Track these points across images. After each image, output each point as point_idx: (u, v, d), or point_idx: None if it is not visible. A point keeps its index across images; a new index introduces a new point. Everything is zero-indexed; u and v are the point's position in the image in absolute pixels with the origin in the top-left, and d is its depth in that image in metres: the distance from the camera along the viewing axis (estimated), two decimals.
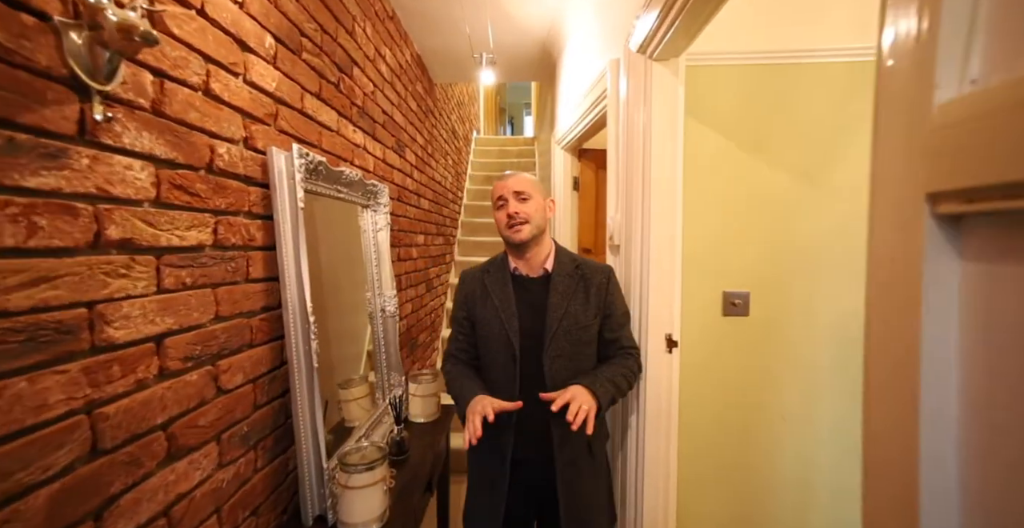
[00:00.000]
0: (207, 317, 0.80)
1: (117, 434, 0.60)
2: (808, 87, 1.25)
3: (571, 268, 1.10)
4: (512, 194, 1.05)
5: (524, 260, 1.10)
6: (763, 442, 1.34)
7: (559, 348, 1.04)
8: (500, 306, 1.07)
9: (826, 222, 1.29)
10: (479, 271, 1.16)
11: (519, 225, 1.04)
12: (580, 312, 1.06)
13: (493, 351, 1.08)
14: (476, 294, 1.13)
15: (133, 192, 0.63)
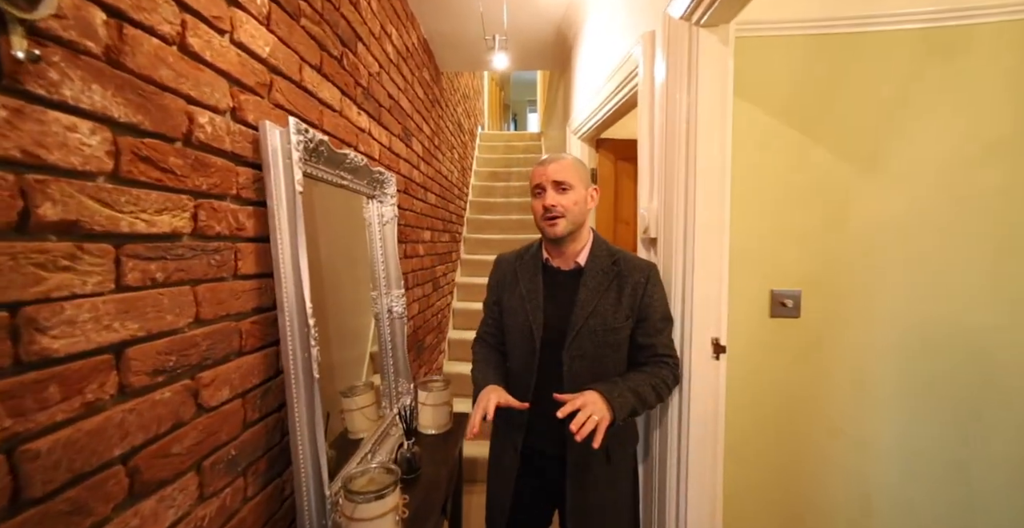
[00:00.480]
0: (184, 320, 0.66)
1: (53, 476, 0.46)
2: (870, 59, 1.11)
3: (607, 264, 1.01)
4: (551, 184, 0.97)
5: (558, 252, 1.05)
6: (815, 455, 1.19)
7: (581, 348, 0.97)
8: (527, 296, 1.03)
9: (890, 213, 1.15)
10: (513, 256, 1.12)
11: (555, 219, 0.96)
12: (610, 312, 0.98)
13: (515, 341, 1.05)
14: (507, 280, 1.09)
15: (79, 161, 0.49)
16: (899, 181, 1.14)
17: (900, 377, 1.16)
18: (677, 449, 1.10)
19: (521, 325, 1.02)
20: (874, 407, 1.18)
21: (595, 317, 0.97)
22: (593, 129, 2.05)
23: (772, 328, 1.20)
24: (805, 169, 1.17)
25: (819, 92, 1.14)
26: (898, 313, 1.15)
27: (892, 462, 1.18)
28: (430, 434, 1.46)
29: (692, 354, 1.07)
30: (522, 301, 1.03)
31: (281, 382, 0.90)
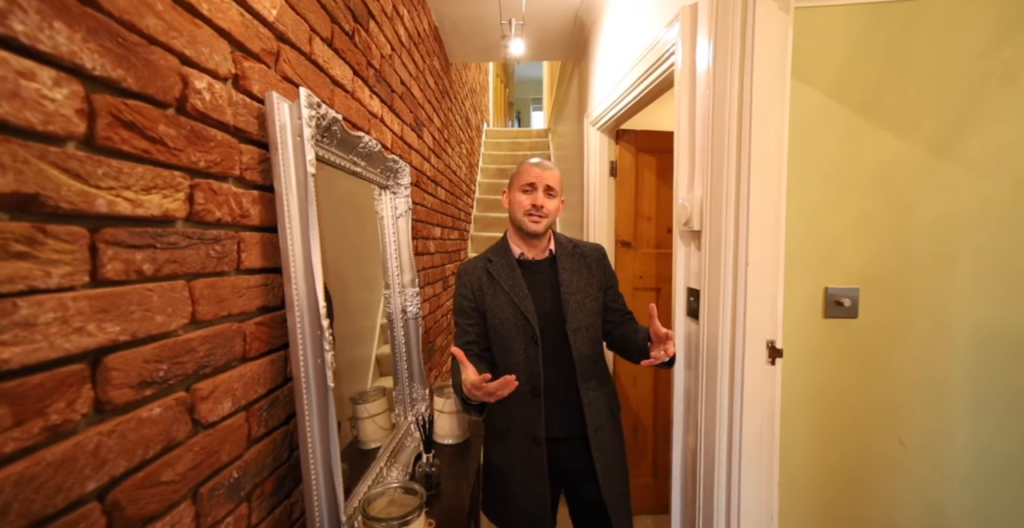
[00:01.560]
0: (178, 321, 0.55)
1: (1, 526, 0.35)
2: (943, 28, 1.00)
3: (570, 249, 1.16)
4: (544, 187, 1.08)
5: (531, 245, 1.14)
6: (877, 472, 1.08)
7: (578, 320, 1.09)
8: (511, 291, 1.09)
9: (962, 203, 1.04)
10: (480, 261, 1.16)
11: (540, 218, 1.08)
12: (587, 285, 1.13)
13: (511, 336, 1.08)
14: (483, 284, 1.12)
15: (39, 119, 0.38)
16: (975, 168, 1.03)
17: (978, 387, 1.05)
18: (727, 465, 0.99)
19: (512, 318, 1.08)
20: (949, 422, 1.07)
21: (579, 292, 1.10)
22: (614, 119, 1.94)
23: (827, 330, 1.09)
24: (863, 154, 1.06)
25: (880, 67, 1.03)
26: (973, 315, 1.04)
27: (969, 484, 1.06)
28: (447, 444, 1.36)
29: (744, 359, 0.96)
30: (508, 296, 1.09)
31: (289, 391, 0.80)
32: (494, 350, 1.12)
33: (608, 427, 1.12)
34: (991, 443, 1.03)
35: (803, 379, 1.09)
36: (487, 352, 1.13)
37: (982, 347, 1.04)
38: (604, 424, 1.11)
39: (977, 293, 1.04)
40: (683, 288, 1.19)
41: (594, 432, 1.08)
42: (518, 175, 1.11)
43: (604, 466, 1.08)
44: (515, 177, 1.12)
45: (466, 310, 1.13)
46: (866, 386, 1.09)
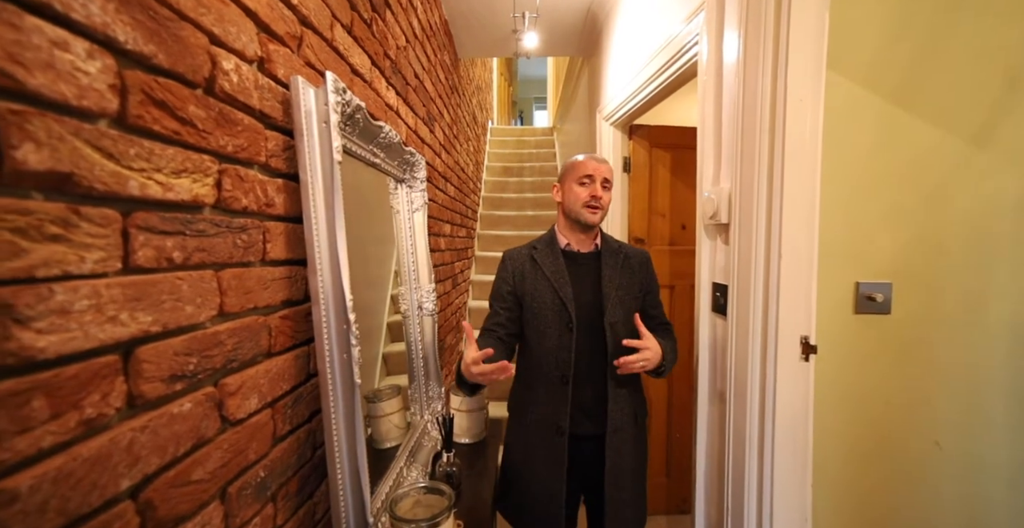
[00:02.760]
0: (207, 313, 0.53)
1: (38, 524, 0.33)
2: (984, 8, 0.97)
3: (615, 248, 1.17)
4: (602, 179, 1.10)
5: (580, 237, 1.14)
6: (911, 473, 1.06)
7: (615, 315, 1.09)
8: (552, 276, 1.10)
9: (1001, 195, 1.01)
10: (526, 248, 1.18)
11: (598, 209, 1.09)
12: (629, 284, 1.13)
13: (546, 321, 1.09)
14: (525, 268, 1.14)
15: (73, 93, 0.36)
16: (1012, 157, 1.00)
17: (1012, 391, 1.02)
18: (759, 466, 0.96)
19: (551, 303, 1.09)
20: (989, 421, 1.04)
21: (621, 289, 1.11)
22: (628, 114, 1.92)
23: (857, 326, 1.06)
24: (898, 143, 1.03)
25: (914, 53, 1.00)
26: (1012, 311, 1.01)
27: (1012, 486, 1.03)
28: (464, 443, 1.33)
29: (778, 355, 0.94)
30: (548, 282, 1.10)
31: (314, 388, 0.77)
32: (529, 334, 1.12)
33: (629, 431, 1.11)
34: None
35: (832, 378, 1.06)
36: (511, 337, 1.13)
37: (1018, 344, 1.01)
38: (626, 426, 1.10)
39: (1016, 287, 1.01)
40: (708, 284, 1.17)
41: (613, 432, 1.08)
42: (574, 168, 1.11)
43: (613, 467, 1.07)
44: (570, 170, 1.12)
45: (503, 294, 1.14)
46: (899, 386, 1.06)
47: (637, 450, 1.13)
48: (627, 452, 1.10)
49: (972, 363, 1.03)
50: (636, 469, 1.12)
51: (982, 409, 1.03)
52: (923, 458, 1.05)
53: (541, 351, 1.09)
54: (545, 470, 1.07)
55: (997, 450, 1.02)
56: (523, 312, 1.13)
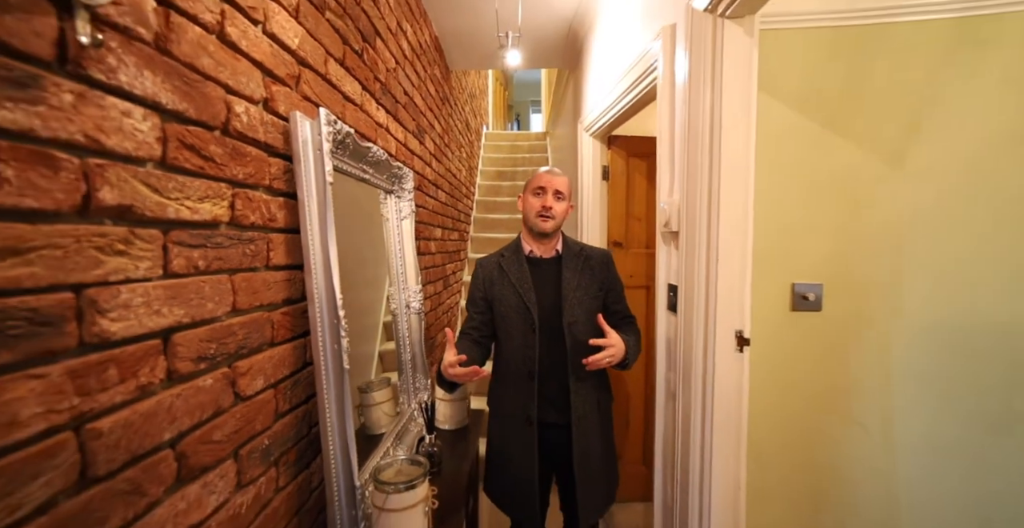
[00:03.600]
0: (223, 309, 0.66)
1: (114, 455, 0.46)
2: (895, 50, 1.11)
3: (577, 251, 1.28)
4: (553, 191, 1.22)
5: (540, 244, 1.27)
6: (840, 453, 1.19)
7: (574, 315, 1.20)
8: (517, 283, 1.22)
9: (914, 207, 1.15)
10: (495, 256, 1.31)
11: (548, 219, 1.21)
12: (588, 285, 1.24)
13: (513, 323, 1.21)
14: (494, 275, 1.27)
15: (133, 147, 0.49)
16: (926, 175, 1.14)
17: (926, 372, 1.16)
18: (700, 442, 1.10)
19: (516, 306, 1.21)
20: (900, 403, 1.18)
21: (580, 289, 1.22)
22: (606, 126, 2.05)
23: (793, 322, 1.20)
24: (827, 162, 1.17)
25: (841, 84, 1.14)
26: (924, 308, 1.15)
27: (919, 459, 1.17)
28: (448, 430, 1.47)
29: (716, 347, 1.07)
30: (513, 287, 1.22)
31: (309, 374, 0.91)
32: (499, 335, 1.25)
33: (593, 418, 1.23)
34: (938, 422, 1.14)
35: (771, 367, 1.20)
36: (485, 339, 1.26)
37: (930, 336, 1.15)
38: (589, 414, 1.22)
39: (928, 287, 1.15)
40: (664, 284, 1.30)
41: (578, 421, 1.19)
42: (531, 181, 1.25)
43: (582, 451, 1.19)
44: (528, 183, 1.26)
45: (476, 299, 1.27)
46: (830, 374, 1.20)
47: (603, 434, 1.25)
48: (593, 437, 1.22)
49: (890, 354, 1.17)
50: (603, 452, 1.24)
51: (899, 394, 1.17)
52: (849, 438, 1.19)
53: (510, 350, 1.22)
54: (519, 456, 1.20)
55: (910, 430, 1.16)
56: (494, 316, 1.25)
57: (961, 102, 1.09)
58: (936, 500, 1.16)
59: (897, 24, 1.07)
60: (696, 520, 1.12)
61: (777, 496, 1.20)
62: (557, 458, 1.25)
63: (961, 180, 1.11)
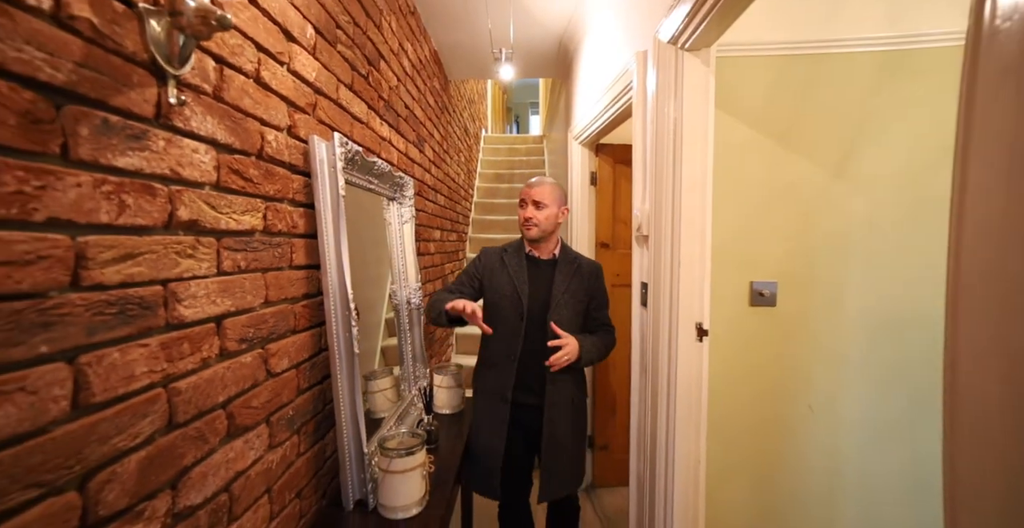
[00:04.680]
0: (258, 301, 0.81)
1: (188, 409, 0.61)
2: (835, 77, 1.26)
3: (571, 258, 1.44)
4: (531, 201, 1.37)
5: (536, 247, 1.42)
6: (791, 432, 1.34)
7: (560, 313, 1.35)
8: (514, 275, 1.38)
9: (853, 214, 1.30)
10: (499, 250, 1.46)
11: (530, 226, 1.37)
12: (577, 290, 1.39)
13: (503, 310, 1.36)
14: (495, 265, 1.42)
15: (199, 175, 0.65)
16: (864, 185, 1.29)
17: (866, 359, 1.31)
18: (666, 422, 1.25)
19: (510, 295, 1.36)
20: (845, 386, 1.33)
21: (568, 293, 1.37)
22: (593, 135, 2.20)
23: (752, 316, 1.35)
24: (780, 174, 1.32)
25: (790, 105, 1.29)
26: (863, 303, 1.30)
27: (859, 434, 1.32)
28: (445, 414, 1.62)
29: (679, 337, 1.22)
30: (511, 278, 1.37)
31: (325, 358, 1.06)
32: (489, 323, 1.38)
33: (565, 408, 1.37)
34: (874, 403, 1.29)
35: (731, 356, 1.35)
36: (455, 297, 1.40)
37: (869, 327, 1.30)
38: (561, 404, 1.37)
39: (866, 284, 1.30)
40: (638, 282, 1.45)
41: (550, 407, 1.35)
42: (519, 195, 1.42)
43: (550, 434, 1.34)
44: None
45: (471, 276, 1.45)
46: (783, 361, 1.35)
47: (574, 426, 1.41)
48: (563, 425, 1.37)
49: (835, 344, 1.32)
50: (572, 442, 1.40)
51: (843, 378, 1.32)
52: (799, 418, 1.34)
53: (497, 335, 1.36)
54: (489, 429, 1.36)
55: (850, 410, 1.31)
56: (485, 303, 1.40)
57: (892, 123, 1.24)
58: (875, 467, 1.31)
59: (833, 55, 1.22)
60: (662, 492, 1.27)
61: (738, 470, 1.35)
62: (532, 437, 1.41)
63: (893, 189, 1.26)
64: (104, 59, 0.47)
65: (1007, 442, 0.34)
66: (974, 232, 0.37)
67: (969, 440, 0.37)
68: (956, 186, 0.38)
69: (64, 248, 0.43)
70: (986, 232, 0.36)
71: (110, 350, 0.48)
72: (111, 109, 0.49)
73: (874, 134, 1.26)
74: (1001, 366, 0.35)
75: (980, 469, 0.36)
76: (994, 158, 0.36)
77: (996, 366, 0.36)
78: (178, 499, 0.58)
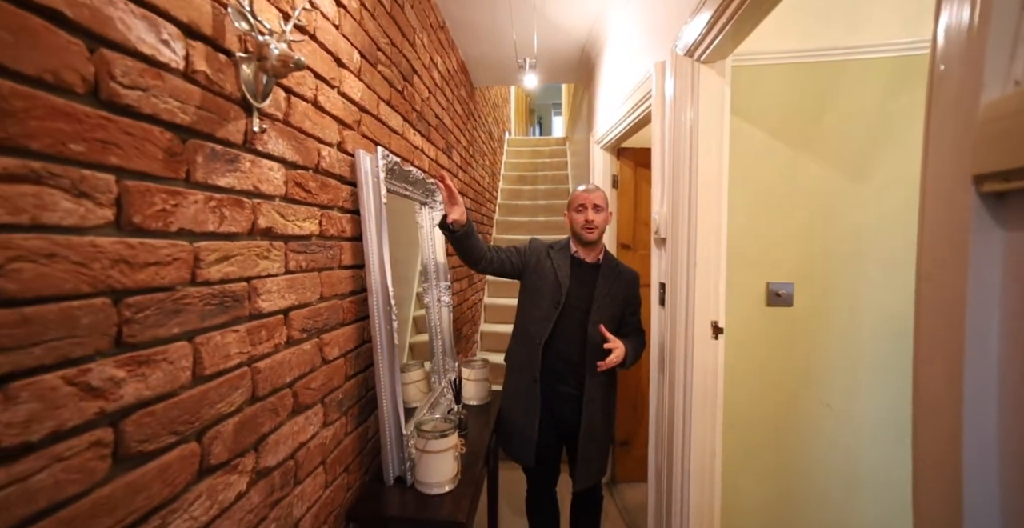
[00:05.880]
0: (315, 297, 0.93)
1: (265, 386, 0.73)
2: (852, 83, 1.29)
3: (613, 265, 1.53)
4: (592, 206, 1.46)
5: (585, 250, 1.50)
6: (809, 430, 1.38)
7: (600, 315, 1.43)
8: (558, 267, 1.48)
9: (872, 217, 1.32)
10: (546, 245, 1.57)
11: (592, 229, 1.45)
12: (617, 293, 1.48)
13: (542, 295, 1.46)
14: (541, 255, 1.52)
15: (272, 189, 0.76)
16: (882, 190, 1.32)
17: (883, 360, 1.34)
18: (682, 417, 1.31)
19: (551, 284, 1.46)
20: (862, 386, 1.36)
21: (609, 296, 1.45)
22: (614, 140, 2.27)
23: (768, 315, 1.39)
24: (797, 178, 1.36)
25: (807, 112, 1.33)
26: (880, 304, 1.33)
27: (878, 436, 1.35)
28: (473, 404, 1.72)
29: (695, 335, 1.28)
30: (553, 269, 1.47)
31: (368, 349, 1.18)
32: (525, 306, 1.51)
33: (599, 402, 1.46)
34: (894, 408, 1.32)
35: (748, 354, 1.40)
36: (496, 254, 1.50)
37: (886, 328, 1.32)
38: (598, 397, 1.46)
39: (883, 287, 1.33)
40: (657, 282, 1.52)
41: (589, 400, 1.44)
42: (572, 200, 1.50)
43: (588, 425, 1.43)
44: (571, 201, 1.51)
45: (517, 249, 1.54)
46: (799, 360, 1.39)
47: (606, 417, 1.49)
48: (598, 417, 1.46)
49: (852, 346, 1.35)
50: (603, 436, 1.49)
51: (859, 382, 1.35)
52: (816, 416, 1.38)
53: (531, 319, 1.47)
54: (523, 408, 1.47)
55: (867, 414, 1.34)
56: (524, 286, 1.50)
57: (911, 128, 1.26)
58: (898, 473, 1.33)
59: (850, 62, 1.25)
60: (679, 485, 1.33)
61: (755, 468, 1.39)
62: (564, 428, 1.50)
63: (911, 195, 1.28)
64: (213, 101, 0.59)
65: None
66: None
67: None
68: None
69: (187, 252, 0.55)
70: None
71: (214, 333, 0.60)
72: (216, 139, 0.60)
73: (891, 139, 1.28)
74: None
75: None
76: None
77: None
78: (260, 459, 0.70)
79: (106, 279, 0.43)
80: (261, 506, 0.70)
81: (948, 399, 0.46)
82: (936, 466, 0.47)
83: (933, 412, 0.50)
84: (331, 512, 0.97)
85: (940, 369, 0.47)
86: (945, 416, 0.47)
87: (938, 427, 0.48)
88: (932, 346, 0.49)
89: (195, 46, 0.55)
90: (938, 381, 0.48)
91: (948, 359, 0.46)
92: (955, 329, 0.45)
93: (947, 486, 0.45)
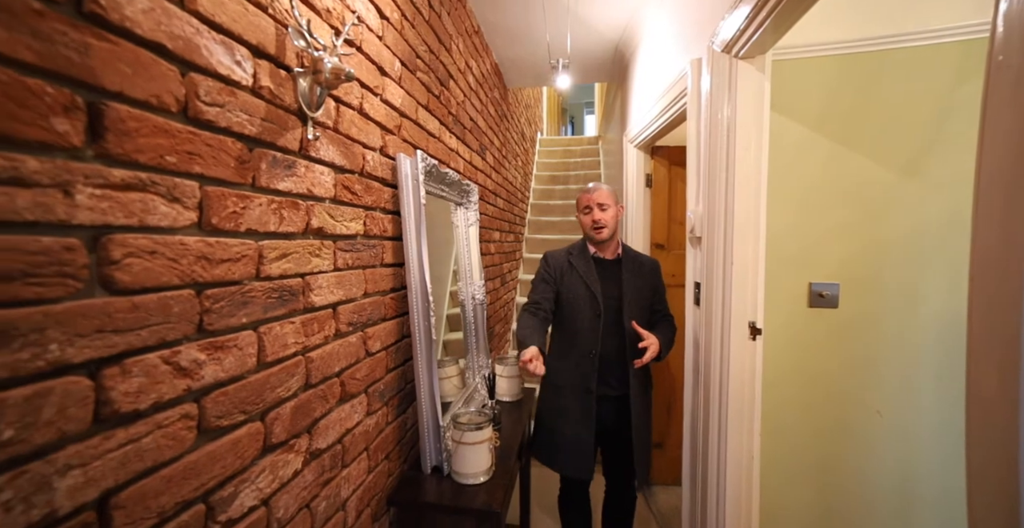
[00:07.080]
0: (360, 293, 0.99)
1: (317, 374, 0.79)
2: (906, 72, 1.23)
3: (633, 256, 1.54)
4: (596, 205, 1.46)
5: (602, 248, 1.51)
6: (858, 438, 1.32)
7: (632, 310, 1.45)
8: (585, 276, 1.47)
9: (929, 216, 1.26)
10: (563, 253, 1.55)
11: (600, 229, 1.46)
12: (643, 286, 1.49)
13: (579, 309, 1.47)
14: (564, 268, 1.52)
15: (324, 192, 0.82)
16: (940, 188, 1.24)
17: (940, 369, 1.26)
18: (718, 420, 1.29)
19: (584, 296, 1.46)
20: (918, 392, 1.29)
21: (635, 290, 1.47)
22: (648, 138, 2.24)
23: (810, 317, 1.35)
24: (840, 174, 1.31)
25: (851, 105, 1.28)
26: (938, 310, 1.25)
27: (934, 448, 1.28)
28: (506, 401, 1.76)
29: (732, 335, 1.26)
30: (582, 279, 1.47)
31: (407, 343, 1.23)
32: (564, 320, 1.50)
33: (641, 398, 1.50)
34: (952, 417, 1.24)
35: (788, 357, 1.36)
36: (548, 315, 1.48)
37: (945, 336, 1.25)
38: (639, 394, 1.49)
39: (942, 292, 1.26)
40: (692, 282, 1.50)
41: (634, 397, 1.47)
42: (577, 202, 1.52)
43: (638, 422, 1.46)
44: (576, 205, 1.53)
45: (546, 280, 1.51)
46: (844, 364, 1.34)
47: (646, 409, 1.53)
48: (642, 412, 1.49)
49: (906, 352, 1.29)
50: (647, 424, 1.52)
51: (915, 389, 1.28)
52: (866, 423, 1.32)
53: (575, 332, 1.47)
54: (577, 420, 1.46)
55: (924, 422, 1.27)
56: (559, 303, 1.49)
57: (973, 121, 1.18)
58: (953, 487, 1.26)
59: (901, 50, 1.19)
60: (714, 490, 1.31)
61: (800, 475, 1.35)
62: (603, 428, 1.50)
63: None
64: (275, 112, 0.65)
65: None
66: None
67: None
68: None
69: (253, 250, 0.61)
70: None
71: (274, 324, 0.66)
72: (277, 147, 0.66)
73: (950, 132, 1.21)
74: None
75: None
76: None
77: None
78: (312, 442, 0.76)
79: (191, 273, 0.49)
80: (314, 484, 0.76)
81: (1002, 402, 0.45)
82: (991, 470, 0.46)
83: (986, 415, 0.48)
84: (374, 496, 1.02)
85: (993, 370, 0.46)
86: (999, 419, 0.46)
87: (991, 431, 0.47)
88: (985, 346, 0.48)
89: (261, 64, 0.61)
90: (991, 382, 0.47)
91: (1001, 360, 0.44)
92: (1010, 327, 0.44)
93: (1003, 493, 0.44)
